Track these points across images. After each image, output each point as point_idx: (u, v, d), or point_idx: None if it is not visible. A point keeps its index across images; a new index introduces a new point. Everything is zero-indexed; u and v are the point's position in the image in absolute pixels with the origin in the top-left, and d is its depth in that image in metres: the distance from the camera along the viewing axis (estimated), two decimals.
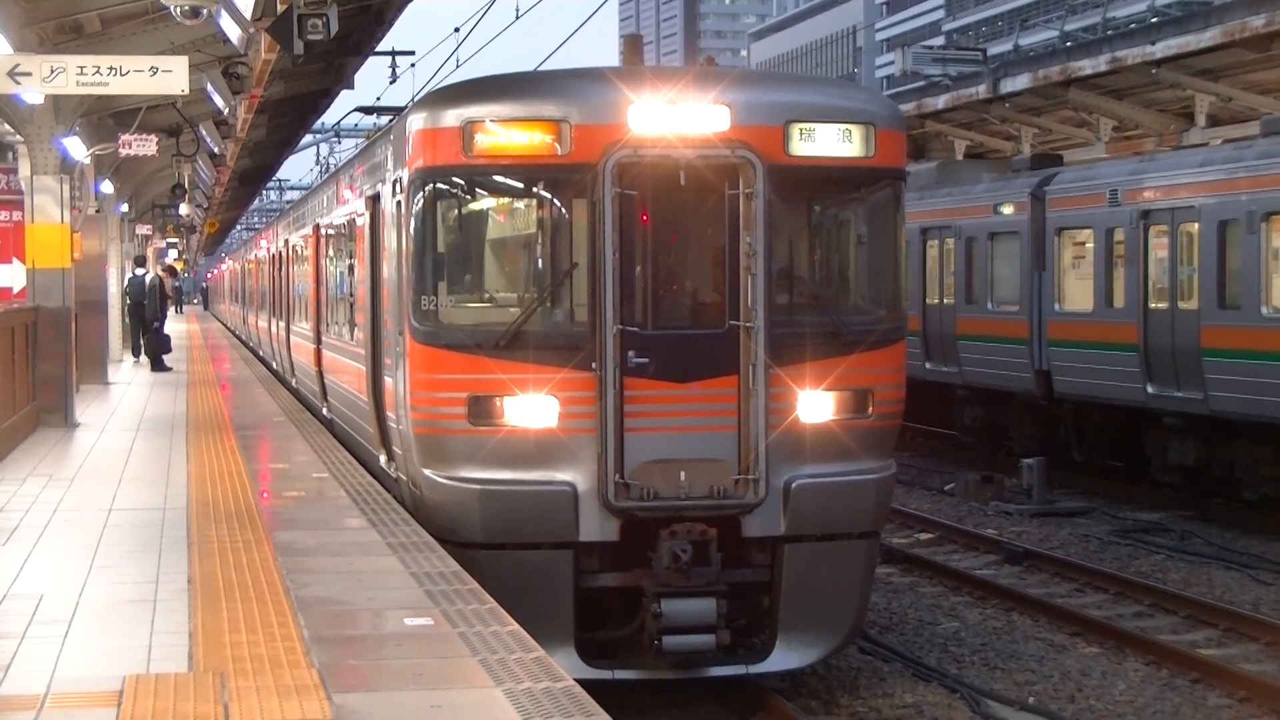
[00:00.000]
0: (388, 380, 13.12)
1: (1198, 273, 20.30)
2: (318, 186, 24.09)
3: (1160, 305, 21.08)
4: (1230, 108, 25.84)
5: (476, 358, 11.56)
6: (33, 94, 17.61)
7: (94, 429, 19.34)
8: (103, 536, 11.22)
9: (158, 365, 30.94)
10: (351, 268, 16.77)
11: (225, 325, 64.20)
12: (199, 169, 37.03)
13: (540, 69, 16.99)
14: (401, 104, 23.38)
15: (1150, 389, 21.09)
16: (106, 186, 29.68)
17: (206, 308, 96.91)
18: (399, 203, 12.46)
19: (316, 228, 21.01)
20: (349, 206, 16.77)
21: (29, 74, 16.47)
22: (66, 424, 19.67)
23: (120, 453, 16.70)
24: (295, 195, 66.62)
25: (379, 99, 36.49)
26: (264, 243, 35.82)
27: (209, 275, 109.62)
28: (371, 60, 30.77)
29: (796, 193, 11.98)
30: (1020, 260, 24.40)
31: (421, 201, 11.89)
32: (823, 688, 12.80)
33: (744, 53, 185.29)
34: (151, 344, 31.99)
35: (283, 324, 27.32)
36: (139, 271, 33.60)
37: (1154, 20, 36.01)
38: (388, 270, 13.19)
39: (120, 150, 25.66)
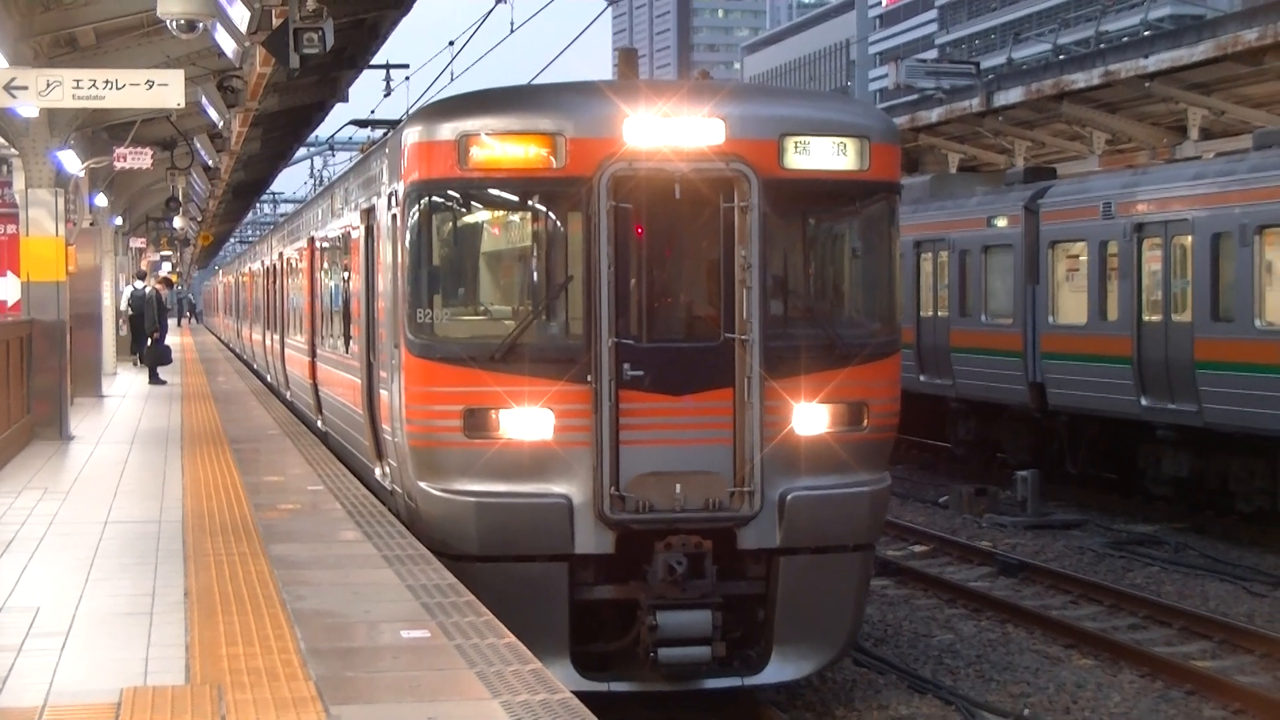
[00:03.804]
0: (383, 393, 13.13)
1: (1191, 285, 20.34)
2: (313, 199, 24.10)
3: (1154, 318, 21.12)
4: (1223, 121, 25.91)
5: (472, 370, 11.56)
6: (28, 107, 17.61)
7: (89, 442, 19.33)
8: (99, 549, 11.23)
9: (154, 378, 30.93)
10: (347, 281, 16.77)
11: (219, 339, 64.15)
12: (193, 182, 37.07)
13: (535, 83, 17.00)
14: (396, 117, 23.41)
15: (1144, 401, 21.13)
16: (101, 200, 29.68)
17: (199, 321, 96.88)
18: (394, 216, 12.47)
19: (311, 241, 21.01)
20: (344, 219, 16.78)
21: (25, 87, 16.49)
22: (61, 437, 19.66)
23: (115, 466, 16.70)
24: (289, 208, 66.64)
25: (373, 112, 36.49)
26: (258, 255, 35.82)
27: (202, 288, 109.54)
28: (366, 73, 30.81)
29: (791, 206, 11.98)
30: (1014, 273, 24.44)
31: (417, 215, 11.90)
32: (818, 700, 12.81)
33: (737, 66, 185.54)
34: (150, 355, 32.01)
35: (277, 337, 27.31)
36: (139, 284, 33.79)
37: (1147, 34, 36.08)
38: (383, 283, 13.19)
39: (115, 163, 25.71)
